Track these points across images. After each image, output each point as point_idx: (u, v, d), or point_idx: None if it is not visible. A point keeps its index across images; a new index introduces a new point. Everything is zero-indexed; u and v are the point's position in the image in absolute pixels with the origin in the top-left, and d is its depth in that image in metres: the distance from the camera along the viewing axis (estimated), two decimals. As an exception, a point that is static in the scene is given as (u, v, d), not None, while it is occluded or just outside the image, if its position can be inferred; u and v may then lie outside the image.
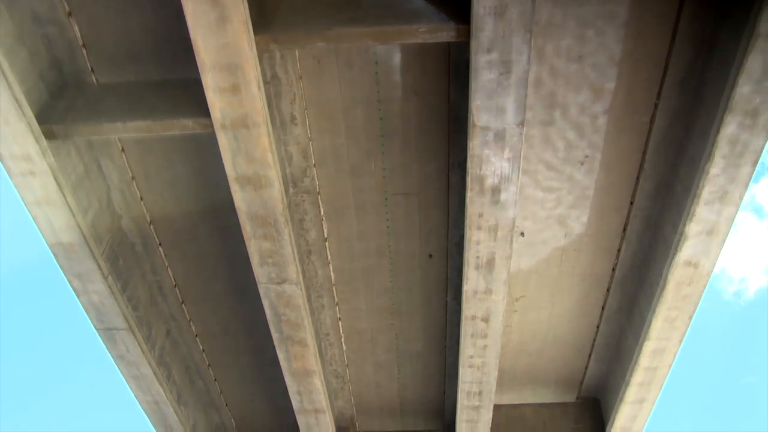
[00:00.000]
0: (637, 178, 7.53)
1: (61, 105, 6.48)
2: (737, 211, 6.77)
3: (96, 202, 7.23)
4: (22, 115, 5.94)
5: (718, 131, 6.13)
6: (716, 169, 6.38)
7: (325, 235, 8.17)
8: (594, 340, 9.57)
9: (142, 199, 7.89)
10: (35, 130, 6.12)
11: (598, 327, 9.37)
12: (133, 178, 7.68)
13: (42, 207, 6.63)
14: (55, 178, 6.40)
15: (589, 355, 9.84)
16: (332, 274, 8.64)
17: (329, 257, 8.42)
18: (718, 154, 6.27)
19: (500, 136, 6.15)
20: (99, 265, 7.22)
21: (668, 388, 8.98)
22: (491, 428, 9.75)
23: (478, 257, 7.23)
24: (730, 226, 6.95)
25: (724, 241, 7.09)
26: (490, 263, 7.28)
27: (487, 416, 9.43)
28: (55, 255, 7.11)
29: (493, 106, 5.94)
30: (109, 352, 8.30)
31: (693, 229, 6.95)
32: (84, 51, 6.61)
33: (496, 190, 6.58)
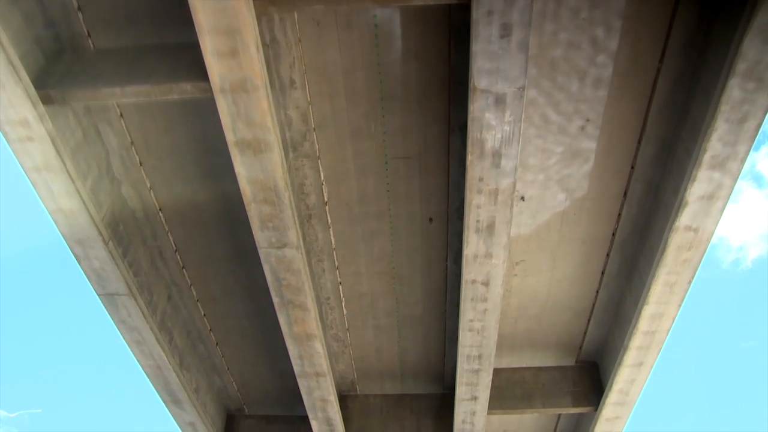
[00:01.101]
0: (639, 141, 7.49)
1: (58, 70, 6.42)
2: (739, 175, 6.75)
3: (95, 168, 7.21)
4: (19, 80, 5.89)
5: (721, 94, 6.08)
6: (719, 132, 6.34)
7: (326, 199, 8.16)
8: (593, 304, 9.61)
9: (141, 164, 7.86)
10: (32, 95, 6.07)
11: (597, 291, 9.40)
12: (132, 143, 7.64)
13: (41, 173, 6.60)
14: (54, 144, 6.37)
15: (589, 319, 9.89)
16: (332, 238, 8.64)
17: (329, 221, 8.42)
18: (720, 118, 6.22)
19: (501, 100, 6.10)
20: (99, 231, 7.22)
21: (667, 352, 9.04)
22: (491, 391, 9.84)
23: (478, 221, 7.22)
24: (732, 191, 6.93)
25: (724, 205, 7.08)
26: (491, 227, 7.28)
27: (486, 379, 9.50)
28: (55, 221, 7.10)
29: (494, 69, 5.89)
30: (111, 318, 8.34)
31: (694, 193, 6.93)
32: (80, 15, 6.53)
33: (496, 154, 6.55)
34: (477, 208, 7.08)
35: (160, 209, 8.36)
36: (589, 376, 10.65)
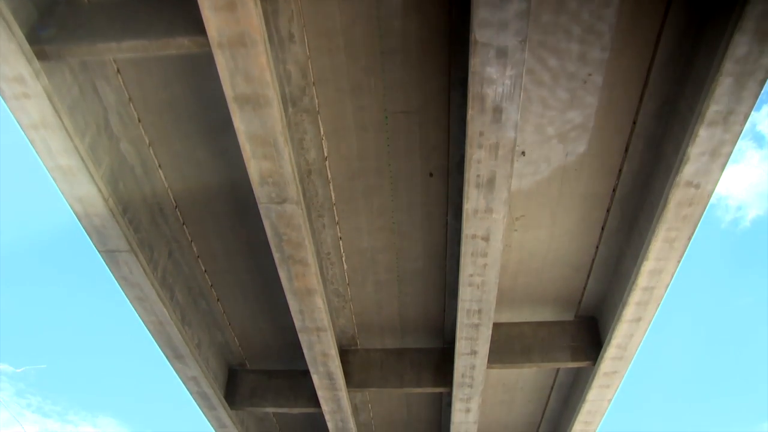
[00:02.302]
0: (641, 97, 7.42)
1: (52, 24, 6.31)
2: (741, 132, 6.71)
3: (93, 125, 7.16)
4: (12, 35, 5.80)
5: (725, 50, 6.00)
6: (722, 89, 6.28)
7: (325, 155, 8.13)
8: (593, 259, 9.63)
9: (140, 120, 7.80)
10: (26, 51, 5.98)
11: (597, 247, 9.42)
12: (130, 99, 7.58)
13: (39, 130, 6.56)
14: (51, 101, 6.31)
15: (588, 275, 9.93)
16: (333, 193, 8.63)
17: (329, 176, 8.39)
18: (725, 74, 6.15)
19: (502, 53, 6.03)
20: (99, 188, 7.20)
21: (664, 309, 9.11)
22: (490, 345, 9.92)
23: (478, 176, 7.20)
24: (733, 148, 6.90)
25: (726, 162, 7.04)
26: (491, 182, 7.26)
27: (486, 334, 9.58)
28: (54, 179, 7.08)
29: (495, 23, 5.81)
30: (113, 274, 8.37)
31: (695, 149, 6.90)
32: (72, -33, 6.42)
33: (497, 109, 6.50)
34: (477, 163, 7.05)
35: (159, 165, 8.32)
36: (588, 331, 10.73)
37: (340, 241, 9.35)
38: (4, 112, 6.47)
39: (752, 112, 6.53)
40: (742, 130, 6.68)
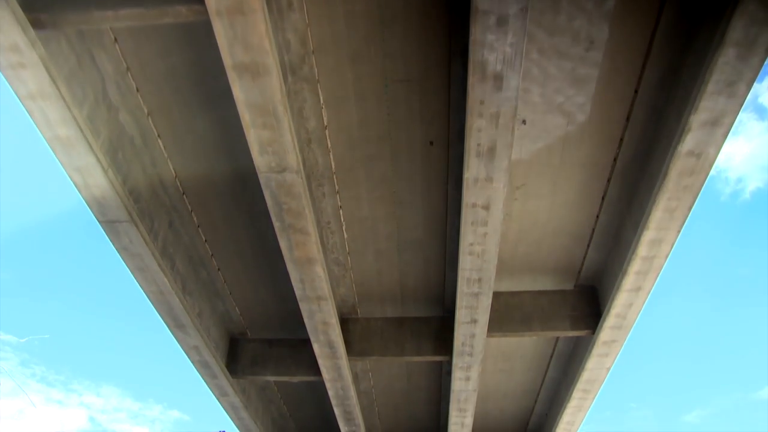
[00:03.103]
0: (643, 65, 7.36)
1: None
2: (743, 102, 6.66)
3: (91, 95, 7.11)
4: (5, 3, 5.72)
5: (730, 18, 5.93)
6: (725, 58, 6.22)
7: (325, 123, 8.09)
8: (593, 229, 9.63)
9: (138, 90, 7.75)
10: (21, 19, 5.91)
11: (597, 216, 9.41)
12: (128, 69, 7.52)
13: (36, 100, 6.51)
14: (47, 70, 6.25)
15: (588, 244, 9.93)
16: (333, 162, 8.60)
17: (329, 145, 8.36)
18: (728, 43, 6.09)
19: (503, 21, 5.97)
20: (98, 159, 7.17)
21: (664, 280, 9.13)
22: (490, 314, 9.96)
23: (479, 145, 7.17)
24: (735, 118, 6.85)
25: (727, 132, 7.00)
26: (492, 151, 7.23)
27: (486, 303, 9.61)
28: (53, 150, 7.05)
29: (495, -10, 5.74)
30: (113, 245, 8.38)
31: (697, 118, 6.85)
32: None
33: (498, 77, 6.45)
34: (478, 131, 7.01)
35: (158, 135, 8.29)
36: (588, 300, 10.76)
37: (340, 210, 9.34)
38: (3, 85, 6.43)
39: (754, 85, 6.49)
40: (744, 100, 6.64)
